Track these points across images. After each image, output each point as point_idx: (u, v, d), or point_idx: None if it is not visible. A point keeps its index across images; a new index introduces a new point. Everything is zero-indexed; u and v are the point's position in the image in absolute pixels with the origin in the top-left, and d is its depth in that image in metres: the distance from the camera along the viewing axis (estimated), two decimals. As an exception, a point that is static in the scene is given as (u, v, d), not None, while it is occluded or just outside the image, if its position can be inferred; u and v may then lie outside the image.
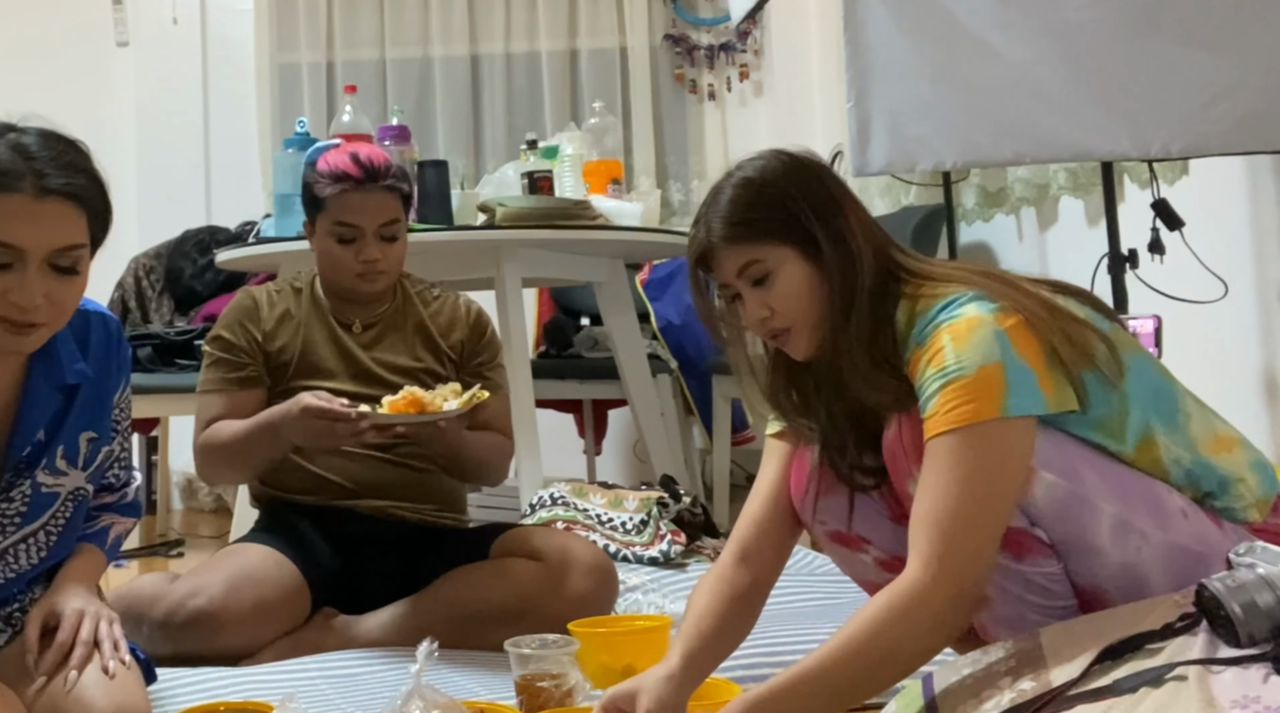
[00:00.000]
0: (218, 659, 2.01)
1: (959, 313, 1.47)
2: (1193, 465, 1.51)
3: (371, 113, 4.00)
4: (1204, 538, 1.48)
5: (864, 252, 1.54)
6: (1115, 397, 1.49)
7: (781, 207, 1.55)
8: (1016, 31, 2.56)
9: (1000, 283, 1.52)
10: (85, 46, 5.07)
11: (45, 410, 1.61)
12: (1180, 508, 1.49)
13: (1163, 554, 1.47)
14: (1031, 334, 1.45)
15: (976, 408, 1.42)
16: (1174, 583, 1.43)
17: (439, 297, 2.39)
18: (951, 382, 1.43)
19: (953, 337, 1.45)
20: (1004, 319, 1.45)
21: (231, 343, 2.26)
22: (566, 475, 3.43)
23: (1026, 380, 1.43)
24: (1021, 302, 1.48)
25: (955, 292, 1.50)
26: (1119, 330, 1.57)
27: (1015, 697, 1.29)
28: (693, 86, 5.26)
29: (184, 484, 4.76)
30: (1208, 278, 2.56)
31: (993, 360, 1.42)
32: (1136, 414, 1.50)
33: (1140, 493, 1.49)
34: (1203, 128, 2.44)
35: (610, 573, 2.21)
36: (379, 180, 2.22)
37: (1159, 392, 1.54)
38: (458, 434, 2.15)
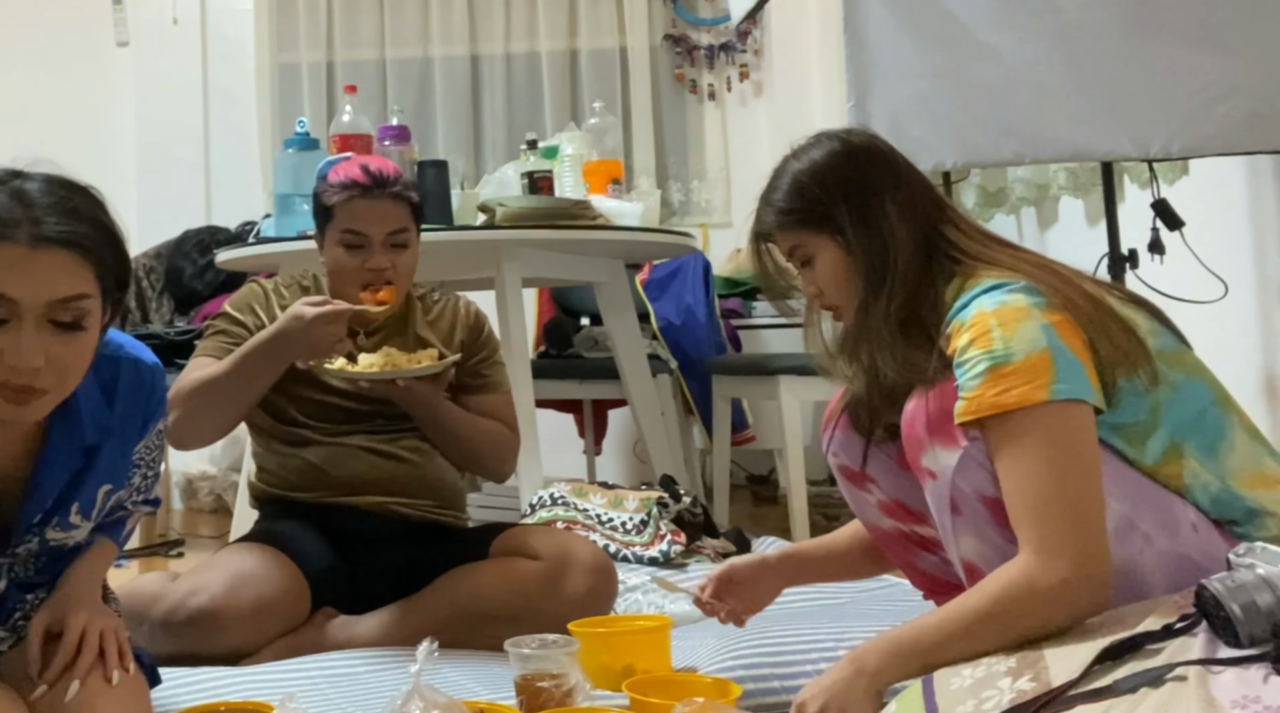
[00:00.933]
0: (218, 659, 2.01)
1: (1007, 300, 1.51)
2: (1220, 493, 1.53)
3: (371, 113, 4.00)
4: (1211, 553, 1.48)
5: (898, 236, 1.64)
6: (1145, 407, 1.52)
7: (819, 200, 1.68)
8: (1016, 31, 2.57)
9: (1052, 276, 1.56)
10: (85, 46, 5.07)
11: (62, 474, 1.52)
12: (1191, 521, 1.51)
13: (1165, 561, 1.49)
14: (1075, 330, 1.49)
15: (1025, 391, 1.45)
16: (1172, 590, 1.44)
17: (439, 300, 2.40)
18: (999, 365, 1.47)
19: (1000, 322, 1.49)
20: (1050, 313, 1.50)
21: (239, 321, 2.28)
22: (566, 475, 3.44)
23: (1074, 368, 1.47)
24: (1069, 297, 1.52)
25: (1005, 277, 1.55)
26: (1185, 352, 1.61)
27: (1015, 697, 1.29)
28: (693, 86, 5.26)
29: (184, 484, 4.76)
30: (1208, 278, 2.56)
31: (1040, 348, 1.46)
32: (1165, 430, 1.53)
33: (1151, 500, 1.51)
34: (1203, 128, 2.44)
35: (610, 573, 2.21)
36: (387, 188, 2.23)
37: (1204, 417, 1.56)
38: (430, 394, 2.19)
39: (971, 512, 1.56)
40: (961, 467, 1.55)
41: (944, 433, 1.56)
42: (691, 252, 3.98)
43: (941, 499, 1.60)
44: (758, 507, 4.51)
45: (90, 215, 1.41)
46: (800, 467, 3.45)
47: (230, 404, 2.20)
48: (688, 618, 2.30)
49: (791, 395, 3.49)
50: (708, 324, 4.36)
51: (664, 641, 1.87)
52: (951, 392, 1.55)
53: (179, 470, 4.74)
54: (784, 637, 1.93)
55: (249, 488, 2.43)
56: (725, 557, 2.87)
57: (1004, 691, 1.32)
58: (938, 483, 1.60)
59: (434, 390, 2.20)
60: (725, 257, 4.99)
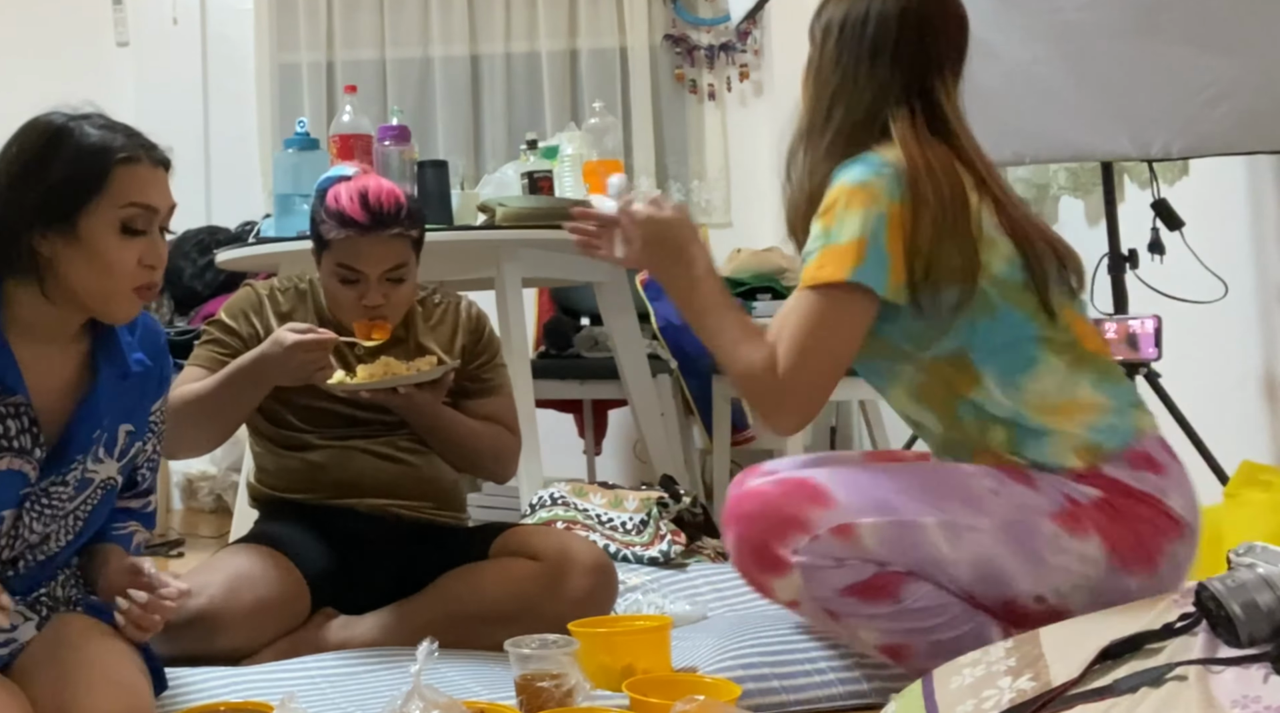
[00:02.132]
0: (218, 659, 2.01)
1: (868, 180, 1.67)
2: (1011, 412, 1.69)
3: (371, 113, 3.99)
4: (1023, 505, 1.65)
5: (862, 90, 1.77)
6: (942, 318, 1.68)
7: (819, 17, 1.88)
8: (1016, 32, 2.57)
9: (944, 181, 1.68)
10: (85, 46, 5.07)
11: (107, 401, 1.65)
12: (989, 489, 1.66)
13: (998, 537, 1.64)
14: (913, 231, 1.65)
15: (833, 271, 1.66)
16: (1022, 557, 1.63)
17: (440, 303, 2.37)
18: (826, 247, 1.68)
19: (847, 202, 1.67)
20: (898, 209, 1.66)
21: (233, 329, 2.27)
22: (566, 475, 3.43)
23: (880, 261, 1.65)
24: (935, 200, 1.66)
25: (885, 157, 1.69)
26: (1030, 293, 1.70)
27: (1015, 697, 1.29)
28: (693, 86, 5.26)
29: (184, 484, 4.75)
30: (1208, 278, 2.56)
31: (861, 235, 1.65)
32: (957, 342, 1.69)
33: (948, 491, 1.67)
34: (1203, 128, 2.45)
35: (610, 573, 2.21)
36: (386, 227, 2.14)
37: (1015, 347, 1.70)
38: (430, 402, 2.17)
39: (844, 609, 1.67)
40: (807, 581, 1.66)
41: (769, 567, 1.68)
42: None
43: (817, 617, 1.72)
44: (758, 507, 4.49)
45: None
46: (800, 467, 3.45)
47: (216, 421, 2.20)
48: (688, 618, 2.30)
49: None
50: (708, 324, 4.34)
51: (664, 641, 1.87)
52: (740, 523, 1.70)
53: (179, 470, 4.74)
54: (784, 637, 1.93)
55: (248, 489, 2.43)
56: (725, 556, 2.87)
57: (1004, 690, 1.32)
58: (803, 608, 1.72)
59: (433, 398, 2.19)
60: (725, 256, 4.98)
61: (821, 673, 1.86)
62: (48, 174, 1.56)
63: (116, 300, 1.60)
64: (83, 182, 1.56)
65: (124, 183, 1.57)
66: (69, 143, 1.58)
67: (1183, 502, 1.69)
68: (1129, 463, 1.68)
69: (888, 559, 1.63)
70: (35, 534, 1.63)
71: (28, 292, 1.58)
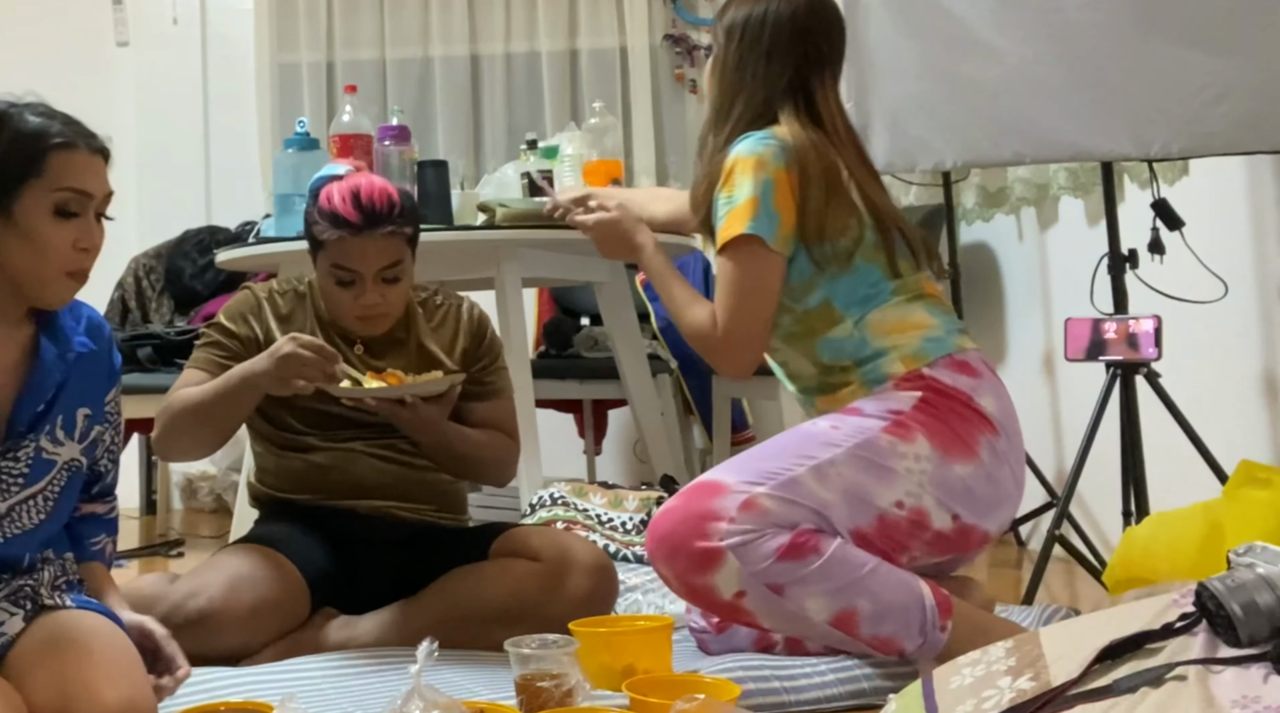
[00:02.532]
0: (217, 659, 2.01)
1: (757, 149, 1.97)
2: (850, 338, 1.98)
3: (371, 113, 4.00)
4: (859, 428, 1.90)
5: (755, 81, 2.05)
6: (809, 272, 1.98)
7: (722, 17, 2.10)
8: (1016, 31, 2.57)
9: (818, 153, 1.98)
10: (85, 46, 5.07)
11: (52, 378, 1.70)
12: (828, 427, 1.92)
13: (852, 464, 1.87)
14: (795, 194, 1.95)
15: (735, 225, 1.96)
16: (874, 473, 1.87)
17: (441, 304, 2.37)
18: (731, 208, 1.97)
19: (740, 169, 1.96)
20: (782, 175, 1.95)
21: (232, 332, 2.26)
22: (566, 475, 3.43)
23: (769, 217, 1.95)
24: (816, 173, 1.96)
25: (782, 134, 1.98)
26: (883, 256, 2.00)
27: (1015, 696, 1.29)
28: (693, 86, 5.26)
29: (184, 484, 4.76)
30: (1208, 278, 2.56)
31: (752, 196, 1.94)
32: (822, 292, 1.98)
33: (801, 443, 1.90)
34: (1203, 128, 2.44)
35: (610, 573, 2.21)
36: (379, 226, 2.14)
37: (870, 293, 1.99)
38: (436, 419, 2.16)
39: (784, 576, 1.79)
40: (742, 559, 1.79)
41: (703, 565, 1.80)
42: (691, 251, 3.97)
43: (765, 601, 1.81)
44: (758, 507, 4.50)
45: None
46: (800, 467, 3.44)
47: (212, 426, 2.20)
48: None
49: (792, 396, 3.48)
50: (708, 324, 4.35)
51: (664, 641, 1.87)
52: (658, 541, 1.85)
53: (179, 471, 4.74)
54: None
55: (249, 489, 2.43)
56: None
57: (1004, 690, 1.32)
58: (750, 598, 1.81)
59: (440, 413, 2.17)
60: (725, 257, 4.98)
61: (822, 673, 1.86)
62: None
63: (50, 284, 1.65)
64: (18, 165, 1.61)
65: (59, 167, 1.61)
66: (6, 128, 1.62)
67: (995, 403, 1.96)
68: (947, 367, 1.95)
69: (794, 519, 1.82)
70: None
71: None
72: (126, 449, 4.18)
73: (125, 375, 3.99)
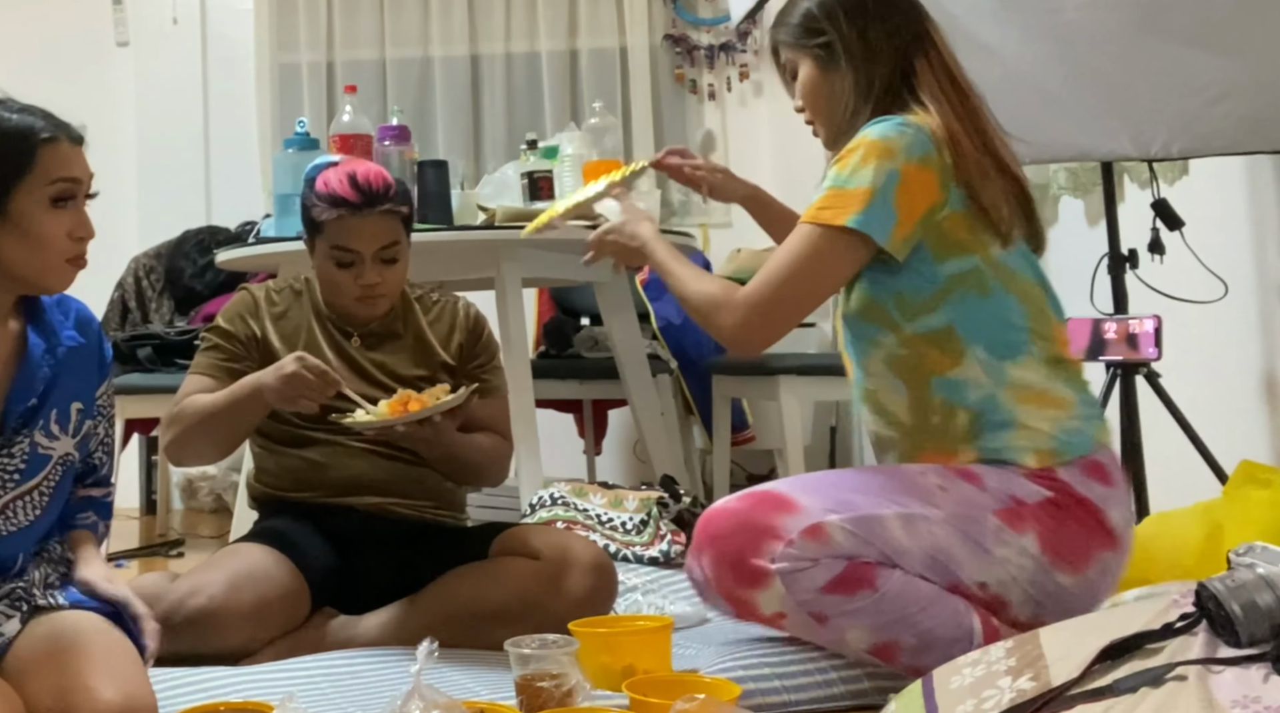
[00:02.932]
0: (217, 659, 2.01)
1: (890, 135, 1.75)
2: (985, 398, 1.76)
3: (371, 113, 4.00)
4: (970, 501, 1.72)
5: (882, 61, 1.84)
6: (934, 290, 1.76)
7: (809, 14, 1.89)
8: (1016, 32, 2.56)
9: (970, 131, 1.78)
10: (85, 46, 5.07)
11: (41, 373, 1.71)
12: (936, 485, 1.74)
13: (948, 528, 1.71)
14: (926, 194, 1.73)
15: (833, 213, 1.74)
16: (969, 547, 1.71)
17: (438, 301, 2.38)
18: (833, 188, 1.75)
19: (866, 152, 1.74)
20: (914, 170, 1.73)
21: (231, 334, 2.28)
22: (566, 475, 3.43)
23: (884, 215, 1.72)
24: (962, 166, 1.74)
25: (914, 119, 1.77)
26: (1030, 281, 1.79)
27: (1015, 696, 1.29)
28: (693, 86, 5.26)
29: (184, 484, 4.75)
30: (1208, 278, 2.56)
31: (869, 185, 1.72)
32: (946, 318, 1.76)
33: (899, 488, 1.74)
34: (1203, 128, 2.44)
35: (610, 572, 2.21)
36: (376, 205, 2.19)
37: (1006, 332, 1.77)
38: (450, 435, 2.16)
39: (828, 608, 1.70)
40: (789, 586, 1.69)
41: (749, 581, 1.71)
42: (691, 252, 3.97)
43: (805, 626, 1.74)
44: (758, 507, 4.50)
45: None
46: (800, 467, 3.45)
47: (224, 434, 2.23)
48: (688, 620, 2.30)
49: (791, 395, 3.49)
50: (708, 324, 4.35)
51: (664, 641, 1.87)
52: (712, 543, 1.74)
53: (179, 470, 4.73)
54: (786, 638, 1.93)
55: (248, 489, 2.43)
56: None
57: (1004, 690, 1.32)
58: (790, 618, 1.73)
59: (453, 425, 2.18)
60: (725, 257, 4.98)
61: (823, 673, 1.86)
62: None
63: (52, 272, 1.67)
64: (11, 164, 1.62)
65: (49, 161, 1.64)
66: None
67: (1121, 516, 1.78)
68: (1082, 470, 1.76)
69: (857, 552, 1.70)
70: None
71: None
72: (127, 450, 4.19)
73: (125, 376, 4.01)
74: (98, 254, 1.71)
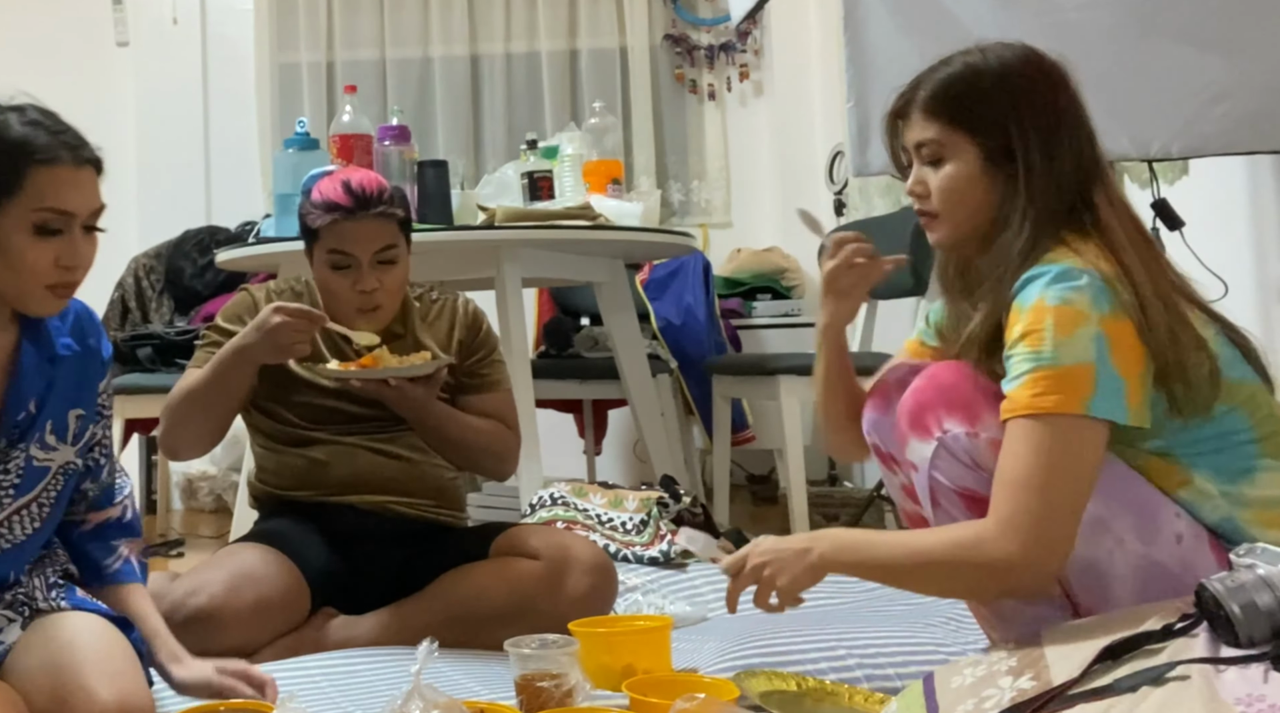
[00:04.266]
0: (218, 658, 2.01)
1: (1070, 298, 1.46)
2: (1224, 520, 1.51)
3: (371, 113, 4.00)
4: (1192, 566, 1.47)
5: (1064, 182, 1.55)
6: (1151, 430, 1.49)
7: (992, 105, 1.58)
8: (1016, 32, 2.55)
9: (1148, 273, 1.50)
10: (85, 46, 5.08)
11: (36, 381, 1.66)
12: (1177, 532, 1.50)
13: (1136, 565, 1.49)
14: (1136, 343, 1.46)
15: (1061, 400, 1.44)
16: (1140, 596, 1.47)
17: (437, 300, 2.38)
18: (1042, 368, 1.45)
19: (1056, 322, 1.45)
20: (1112, 323, 1.46)
21: (230, 332, 2.26)
22: (566, 475, 3.43)
23: (1115, 387, 1.45)
24: (1149, 303, 1.47)
25: (1080, 265, 1.48)
26: (1244, 382, 1.54)
27: (1016, 696, 1.29)
28: (693, 86, 5.26)
29: (184, 484, 4.76)
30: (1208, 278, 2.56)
31: (1086, 360, 1.44)
32: (1159, 441, 1.51)
33: (1136, 505, 1.51)
34: (1203, 128, 2.44)
35: (610, 572, 2.21)
36: (370, 208, 2.18)
37: (1231, 448, 1.52)
38: (422, 399, 2.17)
39: (950, 504, 1.58)
40: (936, 459, 1.56)
41: (920, 425, 1.58)
42: (691, 252, 3.98)
43: (923, 491, 1.62)
44: (758, 507, 4.51)
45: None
46: (800, 467, 3.45)
47: (211, 411, 2.21)
48: (688, 619, 2.30)
49: (791, 395, 3.49)
50: (708, 324, 4.36)
51: (664, 641, 1.87)
52: (939, 379, 1.57)
53: (179, 471, 4.74)
54: (786, 638, 1.93)
55: (249, 488, 2.43)
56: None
57: (1004, 689, 1.32)
58: (918, 475, 1.61)
59: (427, 393, 2.19)
60: (725, 256, 4.99)
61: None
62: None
63: (32, 298, 1.59)
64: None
65: (39, 185, 1.54)
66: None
67: None
68: None
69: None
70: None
71: None
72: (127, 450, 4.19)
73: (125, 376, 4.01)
74: (98, 254, 1.66)
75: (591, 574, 2.15)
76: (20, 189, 1.53)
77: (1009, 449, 1.47)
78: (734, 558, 1.60)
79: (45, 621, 1.65)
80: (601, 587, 2.17)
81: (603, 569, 2.18)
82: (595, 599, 2.14)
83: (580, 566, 2.15)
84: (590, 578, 2.15)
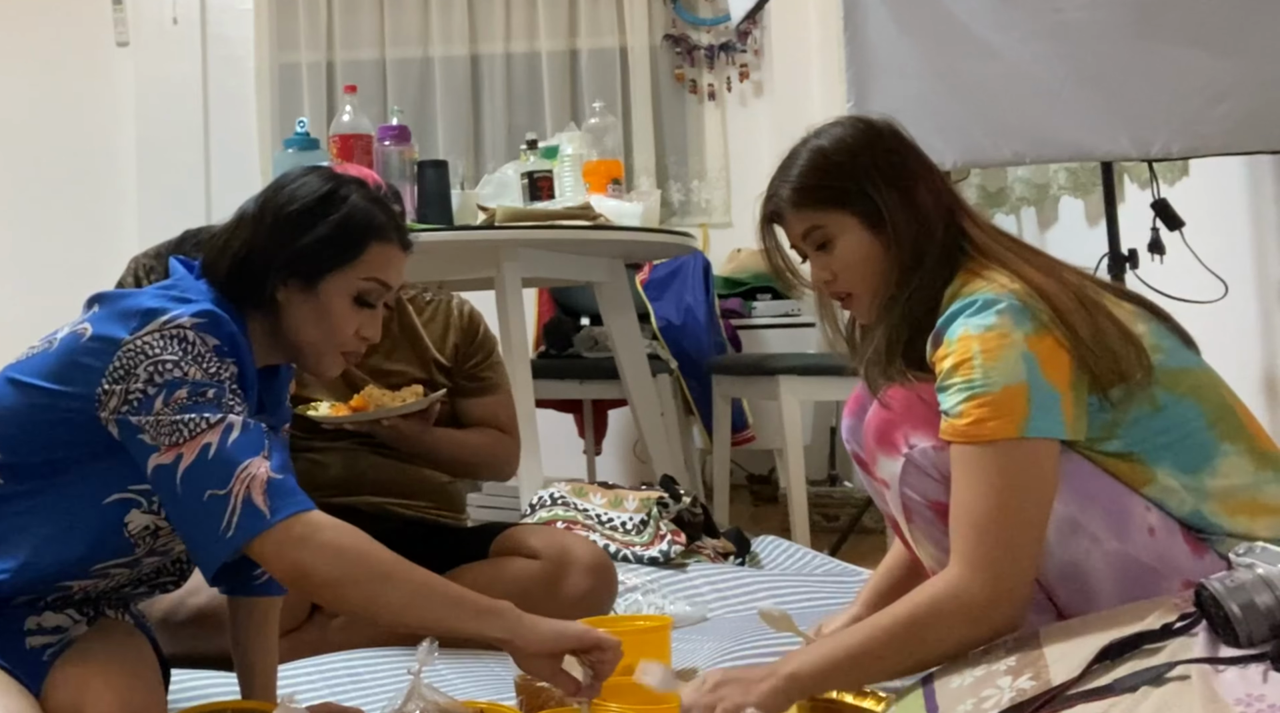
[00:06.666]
0: (217, 659, 2.01)
1: (993, 324, 1.48)
2: (1192, 513, 1.51)
3: (371, 113, 4.00)
4: (1167, 558, 1.48)
5: (934, 222, 1.61)
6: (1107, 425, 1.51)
7: (849, 177, 1.62)
8: (1016, 31, 2.56)
9: (1055, 283, 1.53)
10: (85, 46, 5.07)
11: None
12: (1149, 525, 1.50)
13: (1113, 563, 1.49)
14: (1063, 355, 1.48)
15: (999, 425, 1.45)
16: (1121, 592, 1.47)
17: (431, 301, 2.38)
18: (976, 396, 1.47)
19: (982, 349, 1.47)
20: (1036, 341, 1.47)
21: None
22: (566, 475, 3.43)
23: (1050, 403, 1.46)
24: (1065, 309, 1.49)
25: (995, 291, 1.51)
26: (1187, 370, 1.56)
27: (1015, 696, 1.29)
28: (693, 86, 5.26)
29: (184, 484, 4.75)
30: (1208, 278, 2.56)
31: (1018, 380, 1.46)
32: (1119, 443, 1.51)
33: (1104, 501, 1.51)
34: (1203, 128, 2.44)
35: (609, 572, 2.21)
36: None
37: (1188, 439, 1.52)
38: (416, 434, 2.16)
39: (922, 518, 1.59)
40: (905, 474, 1.57)
41: (887, 442, 1.59)
42: (691, 252, 3.98)
43: (897, 509, 1.63)
44: (758, 507, 4.51)
45: None
46: (800, 467, 3.45)
47: None
48: (688, 619, 2.30)
49: (791, 395, 3.49)
50: (708, 324, 4.36)
51: (664, 641, 1.87)
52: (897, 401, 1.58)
53: (179, 470, 4.73)
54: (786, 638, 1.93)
55: (249, 488, 2.43)
56: (725, 557, 2.87)
57: (1004, 690, 1.32)
58: (890, 492, 1.63)
59: (421, 427, 2.18)
60: (725, 256, 4.99)
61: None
62: (312, 231, 1.60)
63: (326, 358, 1.66)
64: (339, 250, 1.61)
65: (374, 259, 1.63)
66: (340, 210, 1.62)
67: None
68: None
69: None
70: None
71: (261, 326, 1.63)
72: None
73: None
74: (98, 254, 1.66)
75: (591, 574, 2.15)
76: (359, 260, 1.61)
77: (959, 483, 1.48)
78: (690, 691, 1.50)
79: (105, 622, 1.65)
80: (601, 587, 2.17)
81: (602, 569, 2.18)
82: (595, 599, 2.15)
83: (580, 565, 2.15)
84: (590, 578, 2.15)
